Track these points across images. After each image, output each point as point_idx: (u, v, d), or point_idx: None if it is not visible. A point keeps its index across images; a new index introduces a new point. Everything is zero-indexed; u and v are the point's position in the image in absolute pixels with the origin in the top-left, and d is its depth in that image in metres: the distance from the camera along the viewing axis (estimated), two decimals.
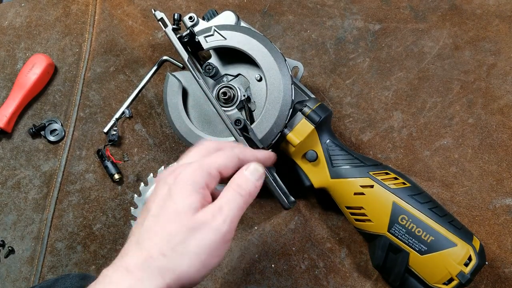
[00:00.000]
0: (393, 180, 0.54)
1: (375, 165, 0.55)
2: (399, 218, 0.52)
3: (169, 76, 0.59)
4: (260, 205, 0.62)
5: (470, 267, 0.50)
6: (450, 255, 0.50)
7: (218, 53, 0.60)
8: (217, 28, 0.57)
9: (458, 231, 0.51)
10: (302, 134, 0.55)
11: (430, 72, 0.67)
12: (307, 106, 0.56)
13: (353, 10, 0.70)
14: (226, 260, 0.60)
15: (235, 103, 0.57)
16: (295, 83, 0.57)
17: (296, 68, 0.60)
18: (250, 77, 0.58)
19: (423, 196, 0.53)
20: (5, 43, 0.71)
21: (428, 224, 0.51)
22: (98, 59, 0.70)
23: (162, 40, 0.70)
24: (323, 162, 0.56)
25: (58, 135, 0.66)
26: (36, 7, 0.73)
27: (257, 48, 0.56)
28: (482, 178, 0.62)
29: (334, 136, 0.57)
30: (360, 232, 0.56)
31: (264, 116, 0.55)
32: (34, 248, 0.62)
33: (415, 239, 0.51)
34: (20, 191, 0.65)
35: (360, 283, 0.58)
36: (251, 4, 0.71)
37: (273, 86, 0.55)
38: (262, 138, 0.55)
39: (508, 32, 0.68)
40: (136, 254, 0.36)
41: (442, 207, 0.54)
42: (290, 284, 0.59)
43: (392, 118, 0.65)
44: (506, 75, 0.66)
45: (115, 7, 0.73)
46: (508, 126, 0.64)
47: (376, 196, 0.53)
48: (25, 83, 0.66)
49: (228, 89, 0.57)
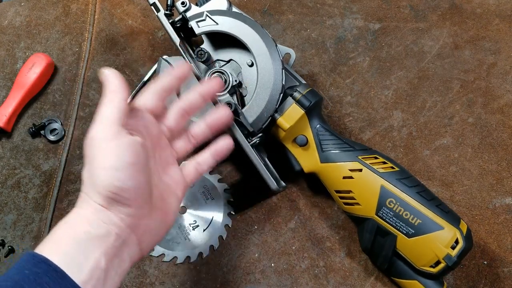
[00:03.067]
0: (382, 164, 0.54)
1: (364, 149, 0.56)
2: (387, 202, 0.52)
3: (161, 60, 0.60)
4: (260, 205, 0.62)
5: (457, 250, 0.50)
6: (437, 238, 0.50)
7: (210, 39, 0.60)
8: (209, 13, 0.57)
9: (446, 215, 0.52)
10: (293, 119, 0.55)
11: (430, 71, 0.67)
12: (297, 91, 0.56)
13: (353, 9, 0.70)
14: (225, 259, 0.60)
15: (227, 88, 0.57)
16: (286, 69, 0.57)
17: (288, 54, 0.60)
18: (242, 62, 0.59)
19: (411, 180, 0.54)
20: (4, 43, 0.71)
21: (416, 208, 0.52)
22: (98, 59, 0.70)
23: (162, 40, 0.70)
24: (313, 146, 0.56)
25: (58, 134, 0.66)
26: (36, 7, 0.73)
27: (249, 33, 0.56)
28: (482, 177, 0.62)
29: (324, 121, 0.58)
30: (349, 215, 0.57)
31: (255, 100, 0.55)
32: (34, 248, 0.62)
33: (402, 222, 0.52)
34: (20, 190, 0.65)
35: (360, 282, 0.58)
36: (251, 3, 0.71)
37: (264, 71, 0.55)
38: (252, 122, 0.55)
39: (508, 31, 0.68)
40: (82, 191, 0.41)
41: (430, 191, 0.54)
42: (290, 283, 0.59)
43: (392, 117, 0.65)
44: (506, 74, 0.66)
45: (115, 6, 0.73)
46: (508, 125, 0.64)
47: (365, 179, 0.54)
48: (25, 83, 0.66)
49: (220, 74, 0.58)
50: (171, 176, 0.46)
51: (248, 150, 0.55)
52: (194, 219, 0.62)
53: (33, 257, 0.36)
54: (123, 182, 0.39)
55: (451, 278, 0.58)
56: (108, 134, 0.40)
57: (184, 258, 0.60)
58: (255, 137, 0.55)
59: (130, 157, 0.40)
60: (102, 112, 0.41)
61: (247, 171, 0.64)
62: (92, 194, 0.39)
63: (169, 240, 0.61)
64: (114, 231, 0.39)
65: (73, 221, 0.39)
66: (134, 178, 0.39)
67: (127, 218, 0.40)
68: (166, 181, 0.45)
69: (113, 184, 0.38)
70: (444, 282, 0.53)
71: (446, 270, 0.51)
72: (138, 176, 0.40)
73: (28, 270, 0.35)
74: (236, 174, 0.64)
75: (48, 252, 0.36)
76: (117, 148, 0.39)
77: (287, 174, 0.59)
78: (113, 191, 0.38)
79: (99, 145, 0.40)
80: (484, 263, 0.58)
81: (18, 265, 0.36)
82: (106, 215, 0.39)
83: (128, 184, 0.39)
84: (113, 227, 0.39)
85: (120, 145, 0.40)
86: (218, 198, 0.62)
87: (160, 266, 0.60)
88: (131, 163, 0.39)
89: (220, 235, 0.61)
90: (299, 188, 0.63)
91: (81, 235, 0.38)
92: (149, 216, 0.42)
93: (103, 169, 0.39)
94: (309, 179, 0.63)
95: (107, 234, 0.38)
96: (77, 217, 0.39)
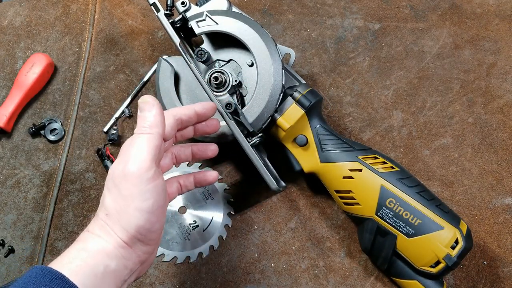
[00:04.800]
0: (382, 164, 0.54)
1: (364, 149, 0.56)
2: (387, 202, 0.52)
3: (161, 60, 0.60)
4: (260, 205, 0.62)
5: (457, 250, 0.50)
6: (437, 238, 0.51)
7: (210, 39, 0.60)
8: (209, 13, 0.57)
9: (446, 215, 0.52)
10: (293, 119, 0.55)
11: (430, 71, 0.67)
12: (297, 91, 0.56)
13: (353, 9, 0.70)
14: (225, 259, 0.60)
15: (227, 88, 0.57)
16: (286, 69, 0.57)
17: (288, 54, 0.61)
18: (242, 62, 0.59)
19: (411, 180, 0.54)
20: (4, 43, 0.71)
21: (416, 208, 0.52)
22: (98, 58, 0.70)
23: (162, 40, 0.70)
24: (313, 146, 0.56)
25: (58, 134, 0.66)
26: (35, 7, 0.73)
27: (248, 33, 0.56)
28: (482, 177, 0.62)
29: (324, 121, 0.58)
30: (349, 215, 0.57)
31: (255, 100, 0.55)
32: (34, 248, 0.62)
33: (402, 222, 0.52)
34: (20, 190, 0.65)
35: (360, 282, 0.58)
36: (251, 3, 0.71)
37: (263, 71, 0.55)
38: (252, 122, 0.55)
39: (508, 31, 0.68)
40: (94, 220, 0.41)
41: (430, 191, 0.54)
42: (290, 283, 0.59)
43: (392, 117, 0.65)
44: (506, 74, 0.66)
45: (115, 6, 0.73)
46: (508, 125, 0.64)
47: (365, 179, 0.54)
48: (25, 83, 0.66)
49: (220, 74, 0.58)
50: None
51: (248, 150, 0.55)
52: (194, 219, 0.62)
53: (50, 273, 0.35)
54: (153, 225, 0.39)
55: (451, 278, 0.58)
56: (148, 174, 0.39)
57: (184, 258, 0.60)
58: (255, 137, 0.55)
59: (162, 200, 0.39)
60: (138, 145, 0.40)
61: (247, 171, 0.64)
62: (118, 230, 0.39)
63: (169, 240, 0.61)
64: (130, 267, 0.39)
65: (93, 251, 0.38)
66: (160, 220, 0.40)
67: (143, 255, 0.40)
68: None
69: (144, 226, 0.38)
70: (444, 282, 0.53)
71: (446, 270, 0.51)
72: (163, 218, 0.40)
73: (45, 285, 0.35)
74: (236, 174, 0.64)
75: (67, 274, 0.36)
76: (155, 191, 0.39)
77: (287, 174, 0.59)
78: (142, 233, 0.38)
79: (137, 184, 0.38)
80: (484, 263, 0.58)
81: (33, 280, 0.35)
82: (128, 253, 0.39)
83: (156, 226, 0.39)
84: (130, 263, 0.39)
85: (157, 186, 0.39)
86: (218, 198, 0.62)
87: (160, 266, 0.60)
88: (162, 206, 0.39)
89: (220, 235, 0.61)
90: (299, 188, 0.63)
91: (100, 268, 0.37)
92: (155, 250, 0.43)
93: (139, 211, 0.38)
94: (309, 179, 0.63)
95: (124, 269, 0.39)
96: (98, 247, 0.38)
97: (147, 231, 0.39)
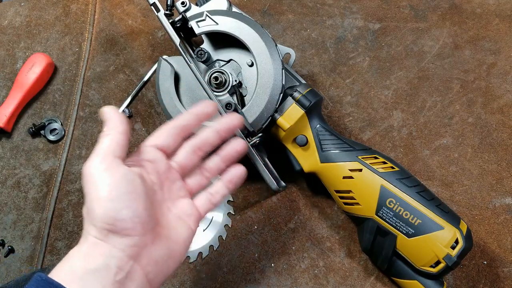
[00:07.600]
0: (382, 164, 0.54)
1: (364, 149, 0.56)
2: (387, 201, 0.53)
3: (161, 60, 0.60)
4: (260, 205, 0.62)
5: (457, 250, 0.50)
6: (437, 238, 0.51)
7: (210, 39, 0.60)
8: (209, 13, 0.57)
9: (446, 215, 0.52)
10: (293, 119, 0.55)
11: (430, 71, 0.67)
12: (297, 91, 0.56)
13: (353, 9, 0.70)
14: (225, 259, 0.60)
15: (227, 88, 0.58)
16: (286, 69, 0.57)
17: (288, 54, 0.61)
18: (242, 62, 0.59)
19: (411, 180, 0.54)
20: (4, 43, 0.71)
21: (416, 207, 0.52)
22: (98, 59, 0.70)
23: (162, 40, 0.70)
24: (313, 146, 0.57)
25: (58, 134, 0.66)
26: (36, 7, 0.73)
27: (248, 33, 0.56)
28: (482, 177, 0.62)
29: (324, 121, 0.58)
30: (349, 215, 0.57)
31: (255, 100, 0.55)
32: (34, 248, 0.62)
33: (402, 222, 0.52)
34: (20, 190, 0.65)
35: (360, 282, 0.58)
36: (251, 3, 0.71)
37: (263, 71, 0.55)
38: (252, 122, 0.55)
39: (508, 31, 0.68)
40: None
41: (430, 191, 0.54)
42: (289, 283, 0.59)
43: (392, 117, 0.65)
44: (506, 74, 0.66)
45: (115, 6, 0.73)
46: (508, 125, 0.64)
47: (365, 179, 0.54)
48: (25, 83, 0.66)
49: (220, 74, 0.58)
50: (182, 208, 0.45)
51: (248, 150, 0.55)
52: None
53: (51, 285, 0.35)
54: (117, 211, 0.38)
55: (451, 278, 0.58)
56: (102, 165, 0.39)
57: (184, 258, 0.60)
58: (255, 137, 0.55)
59: (125, 187, 0.39)
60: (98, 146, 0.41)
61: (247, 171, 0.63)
62: (90, 229, 0.38)
63: None
64: (114, 263, 0.37)
65: (72, 258, 0.38)
66: (129, 207, 0.38)
67: (128, 248, 0.38)
68: (175, 212, 0.44)
69: (107, 214, 0.37)
70: (444, 282, 0.53)
71: (446, 270, 0.51)
72: (134, 204, 0.39)
73: None
74: None
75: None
76: (111, 178, 0.38)
77: (287, 174, 0.59)
78: (108, 222, 0.37)
79: (93, 177, 0.39)
80: (484, 263, 0.58)
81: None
82: (103, 248, 0.38)
83: (123, 213, 0.38)
84: (113, 260, 0.38)
85: (113, 175, 0.39)
86: None
87: None
88: (126, 192, 0.39)
89: (220, 235, 0.61)
90: (299, 188, 0.63)
91: (79, 271, 0.37)
92: (152, 245, 0.41)
93: (97, 201, 0.38)
94: (309, 179, 0.63)
95: (106, 268, 0.37)
96: (75, 253, 0.38)
97: (113, 219, 0.37)
